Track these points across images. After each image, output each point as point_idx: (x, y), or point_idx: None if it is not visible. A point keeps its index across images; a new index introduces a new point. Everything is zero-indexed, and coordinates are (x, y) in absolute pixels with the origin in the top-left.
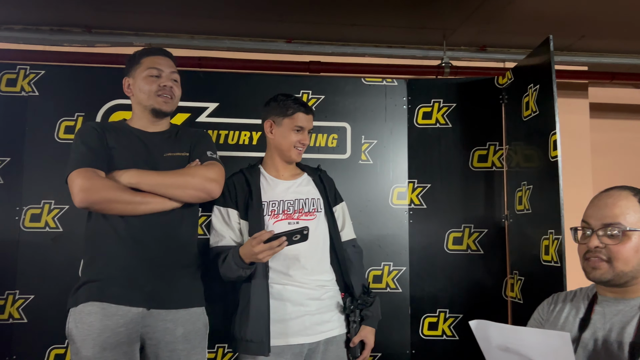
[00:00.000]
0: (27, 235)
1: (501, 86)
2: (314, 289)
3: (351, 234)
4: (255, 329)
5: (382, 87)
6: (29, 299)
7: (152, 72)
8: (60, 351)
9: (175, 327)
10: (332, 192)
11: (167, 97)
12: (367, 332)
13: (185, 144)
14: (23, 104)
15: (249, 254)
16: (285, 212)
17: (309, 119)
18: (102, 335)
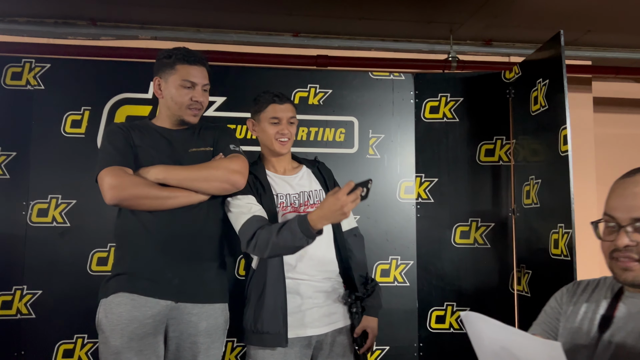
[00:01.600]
0: (34, 230)
1: (508, 80)
2: (322, 282)
3: (352, 222)
4: (272, 320)
5: (389, 81)
6: (37, 294)
7: (186, 84)
8: (69, 346)
9: (199, 321)
10: (332, 183)
11: (196, 111)
12: (369, 321)
13: (208, 139)
14: (29, 97)
15: (328, 213)
16: (292, 205)
17: (284, 109)
18: (130, 326)
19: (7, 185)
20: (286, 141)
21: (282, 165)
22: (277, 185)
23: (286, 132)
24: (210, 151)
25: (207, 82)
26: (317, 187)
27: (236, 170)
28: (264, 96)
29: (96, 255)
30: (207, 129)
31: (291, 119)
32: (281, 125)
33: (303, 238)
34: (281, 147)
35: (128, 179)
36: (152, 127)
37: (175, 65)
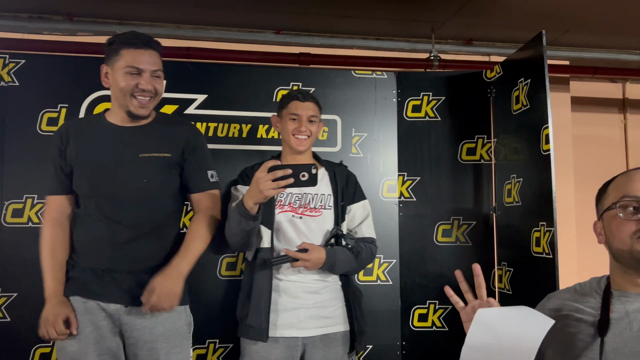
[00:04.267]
0: (8, 231)
1: (489, 80)
2: (312, 283)
3: (368, 232)
4: (256, 315)
5: (372, 80)
6: (12, 297)
7: (131, 71)
8: (46, 350)
9: (154, 326)
10: (350, 190)
11: (144, 101)
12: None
13: (168, 143)
14: (3, 94)
15: (252, 190)
16: (290, 205)
17: (305, 106)
18: (85, 330)
19: None
20: (304, 139)
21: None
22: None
23: (304, 130)
24: (167, 158)
25: (158, 68)
26: (325, 192)
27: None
28: (289, 93)
29: None
30: (173, 129)
31: (312, 117)
32: (300, 122)
33: (241, 219)
34: (298, 144)
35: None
36: (103, 123)
37: (119, 51)
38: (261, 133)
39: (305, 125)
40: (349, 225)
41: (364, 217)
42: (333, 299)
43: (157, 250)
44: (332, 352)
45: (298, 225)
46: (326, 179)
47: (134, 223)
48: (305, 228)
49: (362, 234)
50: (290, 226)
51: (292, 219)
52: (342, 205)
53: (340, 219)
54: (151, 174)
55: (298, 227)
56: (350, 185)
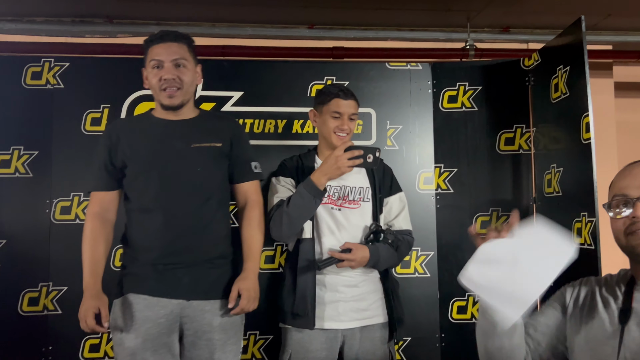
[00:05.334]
0: (58, 228)
1: (527, 68)
2: (351, 277)
3: (404, 224)
4: (302, 304)
5: (406, 72)
6: (63, 290)
7: (154, 64)
8: (95, 341)
9: (212, 318)
10: (387, 182)
11: (171, 90)
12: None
13: (218, 134)
14: (49, 97)
15: (327, 167)
16: (330, 197)
17: (348, 104)
18: (143, 326)
19: (30, 184)
20: (345, 136)
21: None
22: None
23: (346, 128)
24: (218, 148)
25: (179, 57)
26: (364, 185)
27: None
28: (330, 89)
29: (119, 252)
30: (218, 122)
31: (352, 115)
32: (342, 120)
33: (310, 197)
34: (339, 141)
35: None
36: (151, 118)
37: (147, 50)
38: (296, 128)
39: (347, 123)
40: (386, 217)
41: (401, 209)
42: (371, 291)
43: (213, 241)
44: (371, 344)
45: (337, 217)
46: (364, 172)
47: (188, 214)
48: (344, 220)
49: (399, 227)
50: (330, 218)
51: (331, 211)
52: (380, 197)
53: (377, 211)
54: (204, 163)
55: (337, 219)
56: (387, 177)
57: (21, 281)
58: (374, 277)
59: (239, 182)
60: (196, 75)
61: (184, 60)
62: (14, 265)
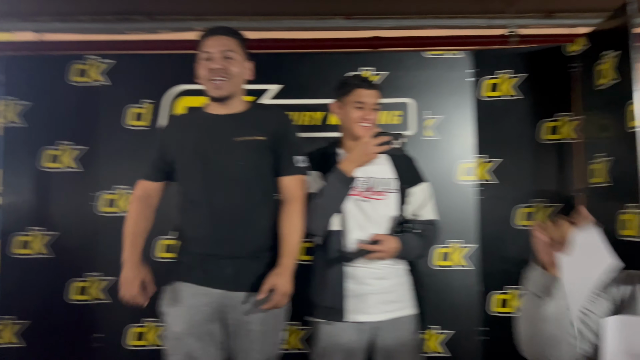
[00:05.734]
0: (104, 220)
1: (571, 54)
2: (379, 269)
3: (430, 215)
4: (331, 296)
5: (445, 60)
6: (111, 280)
7: (204, 56)
8: (140, 329)
9: (253, 309)
10: (412, 173)
11: (219, 82)
12: (391, 239)
13: (262, 127)
14: (95, 93)
15: (356, 155)
16: (356, 189)
17: (370, 94)
18: (188, 313)
19: (79, 178)
20: (368, 126)
21: None
22: None
23: (369, 118)
24: (262, 141)
25: (227, 48)
26: (389, 175)
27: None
28: (351, 80)
29: (160, 243)
30: (265, 115)
31: (375, 105)
32: (365, 111)
33: (340, 186)
34: (363, 131)
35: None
36: (201, 114)
37: (199, 44)
38: (333, 120)
39: (370, 113)
40: (411, 208)
41: (425, 199)
42: (400, 283)
43: (255, 234)
44: (403, 335)
45: (364, 208)
46: (389, 163)
47: (231, 206)
48: (372, 211)
49: (424, 217)
50: (357, 209)
51: (358, 203)
52: (404, 188)
53: (404, 202)
54: (246, 157)
55: (364, 211)
56: (411, 168)
57: (72, 271)
58: (401, 269)
59: (280, 175)
60: (245, 70)
61: (232, 52)
62: (65, 256)
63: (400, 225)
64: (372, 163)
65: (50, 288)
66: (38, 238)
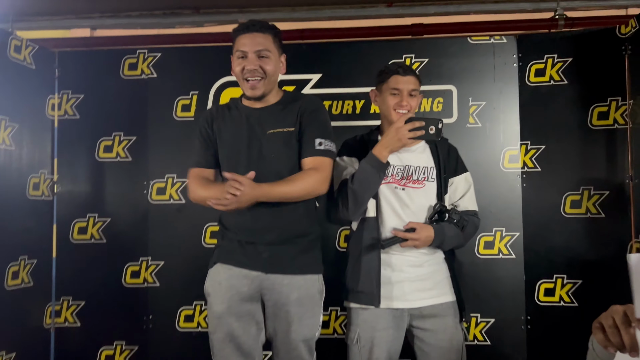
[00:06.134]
0: (154, 207)
1: (624, 36)
2: (416, 257)
3: (470, 205)
4: (366, 281)
5: (489, 46)
6: (160, 264)
7: (239, 54)
8: (190, 312)
9: (290, 292)
10: (452, 162)
11: (254, 82)
12: (426, 228)
13: (291, 118)
14: (144, 86)
15: (388, 140)
16: (394, 176)
17: (406, 81)
18: (228, 293)
19: (130, 167)
20: (405, 113)
21: None
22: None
23: (405, 104)
24: (291, 132)
25: (263, 48)
26: (428, 164)
27: (315, 185)
28: (389, 67)
29: (209, 229)
30: (294, 106)
31: (412, 92)
32: (401, 97)
33: (373, 171)
34: (399, 118)
35: (193, 183)
36: (239, 106)
37: (234, 40)
38: (374, 108)
39: (407, 99)
40: (451, 198)
41: (466, 189)
42: (437, 271)
43: (290, 221)
44: (441, 322)
45: (401, 196)
46: (428, 152)
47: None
48: (408, 199)
49: (464, 207)
50: (394, 197)
51: (395, 191)
52: (444, 177)
53: (442, 191)
54: (278, 149)
55: (401, 199)
56: (452, 157)
57: (124, 256)
58: (439, 257)
59: (301, 158)
60: (280, 65)
61: (267, 51)
62: (117, 241)
63: (437, 214)
64: (411, 151)
65: (104, 272)
66: (92, 224)
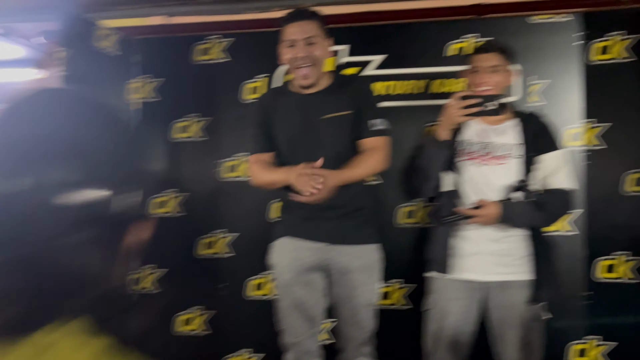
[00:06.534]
0: (227, 184)
1: None
2: (494, 232)
3: (559, 183)
4: (438, 250)
5: (551, 24)
6: (236, 236)
7: (287, 44)
8: (260, 281)
9: (352, 260)
10: (543, 139)
11: (304, 71)
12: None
13: (347, 101)
14: (217, 70)
15: (444, 118)
16: (475, 153)
17: (485, 58)
18: (295, 263)
19: (205, 146)
20: (486, 90)
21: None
22: (468, 130)
23: (482, 82)
24: (347, 115)
25: (311, 35)
26: (512, 141)
27: (380, 164)
28: (478, 45)
29: (273, 205)
30: (347, 89)
31: (495, 68)
32: (480, 74)
33: (434, 149)
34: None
35: (255, 167)
36: (288, 92)
37: (282, 29)
38: (435, 88)
39: (486, 76)
40: (540, 176)
41: (557, 167)
42: (515, 248)
43: (348, 198)
44: (512, 299)
45: (482, 172)
46: (516, 129)
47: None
48: (489, 175)
49: (552, 185)
50: (474, 173)
51: (476, 166)
52: (532, 155)
53: (527, 169)
54: (335, 133)
55: (481, 174)
56: (544, 134)
57: (200, 228)
58: (520, 235)
59: (359, 139)
60: (327, 49)
61: (315, 37)
62: (195, 214)
63: (515, 192)
64: (497, 128)
65: (182, 242)
66: (172, 198)
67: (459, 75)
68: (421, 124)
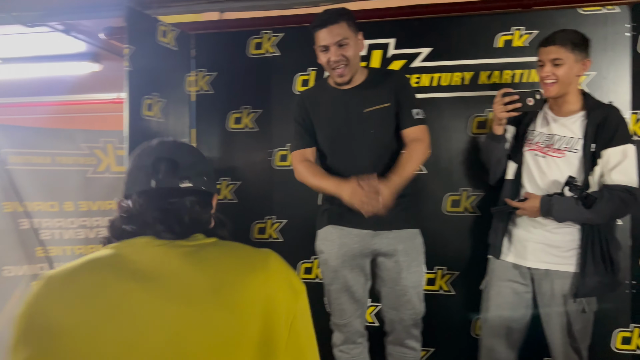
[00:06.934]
0: (278, 172)
1: None
2: (546, 221)
3: (620, 178)
4: (495, 235)
5: (601, 16)
6: (284, 223)
7: (321, 49)
8: (308, 265)
9: (397, 244)
10: (607, 133)
11: (340, 71)
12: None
13: (385, 94)
14: (268, 63)
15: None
16: (537, 144)
17: (546, 52)
18: (341, 250)
19: (257, 136)
20: (550, 83)
21: (559, 106)
22: (540, 122)
23: (547, 74)
24: (387, 107)
25: (341, 37)
26: (574, 135)
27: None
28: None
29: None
30: (385, 81)
31: (556, 61)
32: (544, 67)
33: (487, 142)
34: (545, 90)
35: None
36: (328, 88)
37: (314, 34)
38: (483, 80)
39: (550, 70)
40: (602, 170)
41: (618, 162)
42: (566, 240)
43: None
44: (556, 289)
45: (540, 163)
46: (579, 122)
47: (368, 167)
48: (546, 167)
49: (610, 181)
50: (533, 163)
51: (535, 157)
52: (591, 150)
53: (587, 163)
54: (377, 125)
55: (540, 166)
56: (609, 128)
57: (252, 214)
58: (573, 228)
59: (403, 128)
60: (359, 45)
61: (345, 39)
62: (247, 201)
63: (565, 187)
64: (561, 120)
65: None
66: (225, 186)
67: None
68: (468, 115)
